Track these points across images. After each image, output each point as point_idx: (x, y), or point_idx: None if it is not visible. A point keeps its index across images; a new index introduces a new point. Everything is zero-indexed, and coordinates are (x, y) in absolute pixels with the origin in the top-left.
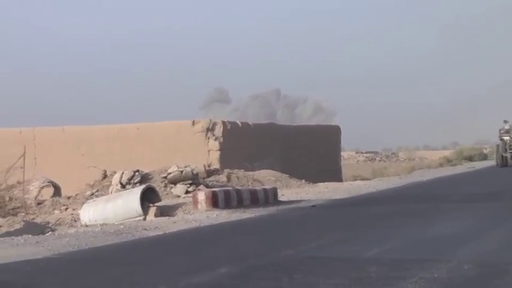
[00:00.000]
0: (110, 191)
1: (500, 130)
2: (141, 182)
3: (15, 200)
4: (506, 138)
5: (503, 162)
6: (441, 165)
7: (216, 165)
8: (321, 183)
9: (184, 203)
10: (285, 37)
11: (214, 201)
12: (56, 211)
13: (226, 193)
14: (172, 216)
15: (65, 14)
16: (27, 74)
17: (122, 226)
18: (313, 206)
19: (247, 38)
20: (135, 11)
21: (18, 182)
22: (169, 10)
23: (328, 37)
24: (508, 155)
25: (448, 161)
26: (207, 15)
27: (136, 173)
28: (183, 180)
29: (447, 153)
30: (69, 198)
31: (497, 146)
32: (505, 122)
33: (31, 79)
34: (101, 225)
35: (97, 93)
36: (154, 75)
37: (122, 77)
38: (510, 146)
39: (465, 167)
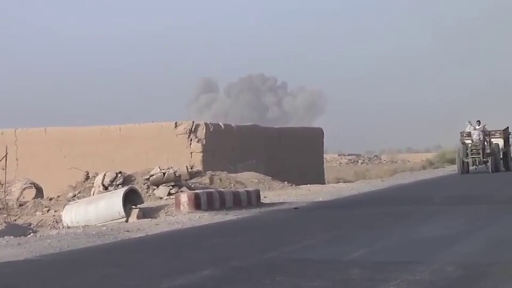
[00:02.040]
0: (92, 192)
1: (461, 133)
2: (123, 184)
3: None
4: (468, 141)
5: (464, 169)
6: (424, 168)
7: (198, 167)
8: (304, 186)
9: (166, 205)
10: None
11: (196, 203)
12: (37, 213)
13: (209, 195)
14: (155, 218)
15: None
16: (8, 74)
17: (104, 228)
18: (296, 208)
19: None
20: (118, 11)
21: (0, 183)
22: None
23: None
24: (470, 161)
25: (431, 164)
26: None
27: (119, 175)
28: (166, 182)
29: (430, 155)
30: (51, 199)
31: (458, 150)
32: (469, 123)
33: (12, 80)
34: (83, 227)
35: (79, 95)
36: (138, 76)
37: (104, 78)
38: (472, 150)
39: (448, 170)
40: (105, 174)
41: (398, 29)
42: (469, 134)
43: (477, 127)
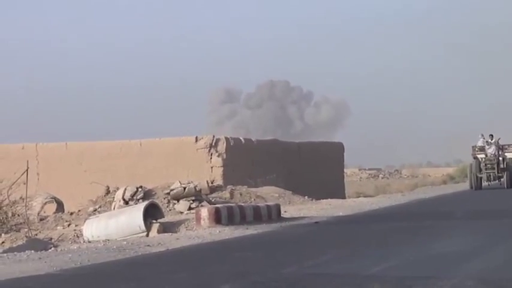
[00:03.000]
0: (112, 207)
1: (473, 147)
2: (144, 198)
3: (18, 215)
4: (481, 156)
5: (478, 185)
6: (444, 182)
7: (219, 181)
8: (324, 200)
9: (187, 220)
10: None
11: (217, 218)
12: (58, 227)
13: (229, 209)
14: (175, 232)
15: (68, 29)
16: (29, 89)
17: (125, 242)
18: (316, 222)
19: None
20: (136, 25)
21: (21, 198)
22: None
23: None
24: (484, 176)
25: (452, 178)
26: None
27: (139, 189)
28: (186, 197)
29: (451, 170)
30: (71, 214)
31: (470, 165)
32: (482, 136)
33: (33, 94)
34: (103, 241)
35: (100, 109)
36: (158, 90)
37: (124, 93)
38: (486, 165)
39: (468, 185)
40: (125, 189)
41: (419, 43)
42: (482, 149)
43: (490, 141)
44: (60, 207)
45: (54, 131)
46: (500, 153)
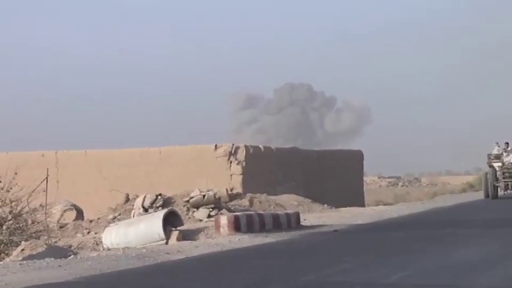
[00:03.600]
0: (132, 214)
1: (488, 155)
2: (163, 206)
3: (38, 223)
4: (497, 164)
5: (495, 194)
6: (464, 190)
7: (238, 189)
8: (343, 208)
9: (206, 227)
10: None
11: (236, 226)
12: (78, 234)
13: (249, 217)
14: (195, 240)
15: (86, 35)
16: (49, 97)
17: (144, 250)
18: (336, 230)
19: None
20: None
21: (41, 205)
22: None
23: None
24: (502, 185)
25: (471, 187)
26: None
27: (159, 197)
28: (206, 205)
29: (470, 178)
30: (91, 221)
31: (486, 174)
32: (497, 144)
33: (53, 102)
34: (123, 248)
35: (119, 117)
36: (178, 98)
37: (144, 101)
38: (504, 173)
39: (483, 194)
40: (145, 197)
41: (439, 49)
42: (498, 157)
43: (507, 149)
44: (79, 214)
45: (74, 138)
46: None
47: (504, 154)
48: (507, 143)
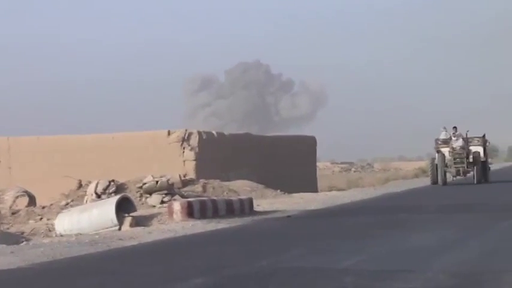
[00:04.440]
0: (85, 200)
1: (436, 140)
2: (116, 192)
3: None
4: (446, 149)
5: (444, 180)
6: (416, 176)
7: (191, 175)
8: (296, 194)
9: (159, 213)
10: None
11: (189, 212)
12: (30, 221)
13: (202, 203)
14: (148, 226)
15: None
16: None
17: (97, 236)
18: (289, 216)
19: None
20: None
21: None
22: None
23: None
24: (453, 170)
25: (423, 172)
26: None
27: (112, 183)
28: (159, 191)
29: (422, 164)
30: (44, 208)
31: (433, 159)
32: (444, 129)
33: (4, 88)
34: (75, 235)
35: (72, 103)
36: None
37: (97, 87)
38: (455, 158)
39: (430, 180)
40: (98, 183)
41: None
42: (446, 142)
43: (456, 133)
44: (32, 201)
45: (26, 124)
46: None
47: (453, 139)
48: (455, 128)
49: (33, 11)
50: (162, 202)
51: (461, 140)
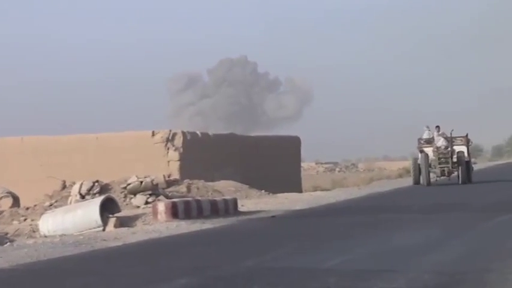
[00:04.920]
0: (69, 201)
1: (419, 140)
2: (100, 193)
3: None
4: (429, 149)
5: (428, 180)
6: (401, 176)
7: (175, 175)
8: (281, 194)
9: (144, 214)
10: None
11: (174, 212)
12: (14, 222)
13: (186, 204)
14: (132, 227)
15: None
16: None
17: (81, 237)
18: (273, 216)
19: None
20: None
21: None
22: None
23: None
24: (438, 171)
25: (408, 172)
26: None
27: (96, 184)
28: (143, 191)
29: (407, 164)
30: (28, 209)
31: (415, 160)
32: (427, 128)
33: None
34: (60, 236)
35: (56, 104)
36: (114, 85)
37: (81, 87)
38: (440, 158)
39: (412, 181)
40: (82, 183)
41: (377, 38)
42: (429, 141)
43: (440, 133)
44: (16, 201)
45: (10, 125)
46: (449, 146)
47: (435, 138)
48: (438, 127)
49: (14, 11)
50: (147, 203)
51: (442, 138)
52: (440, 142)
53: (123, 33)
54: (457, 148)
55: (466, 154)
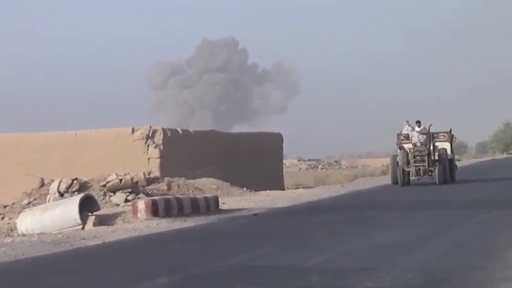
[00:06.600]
0: (47, 199)
1: (398, 135)
2: (79, 191)
3: None
4: (407, 146)
5: (406, 180)
6: (384, 173)
7: (156, 173)
8: (263, 192)
9: (123, 212)
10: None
11: (154, 210)
12: None
13: (167, 201)
14: (112, 225)
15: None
16: None
17: (60, 235)
18: (255, 214)
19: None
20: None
21: None
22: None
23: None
24: (413, 170)
25: None
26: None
27: (75, 181)
28: (123, 189)
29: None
30: (5, 207)
31: (394, 156)
32: (407, 122)
33: None
34: (38, 234)
35: (34, 100)
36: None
37: (60, 83)
38: (415, 156)
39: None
40: (60, 181)
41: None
42: (408, 137)
43: (416, 129)
44: None
45: None
46: (430, 142)
47: (410, 134)
48: (418, 122)
49: None
50: (126, 201)
51: (416, 134)
52: (415, 138)
53: (105, 25)
54: (439, 145)
55: (449, 151)
